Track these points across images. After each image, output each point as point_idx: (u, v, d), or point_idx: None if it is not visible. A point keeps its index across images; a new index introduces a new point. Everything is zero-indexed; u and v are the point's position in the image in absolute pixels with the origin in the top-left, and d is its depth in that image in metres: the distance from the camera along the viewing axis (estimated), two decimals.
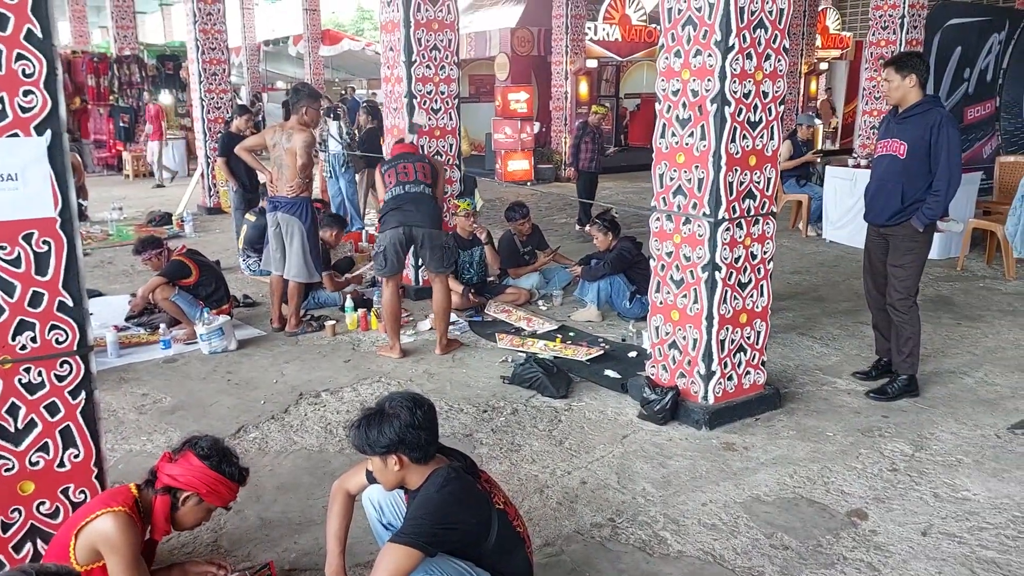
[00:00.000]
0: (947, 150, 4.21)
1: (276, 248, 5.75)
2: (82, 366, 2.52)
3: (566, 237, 9.24)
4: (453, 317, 5.92)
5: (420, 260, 5.35)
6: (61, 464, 2.55)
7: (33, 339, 2.43)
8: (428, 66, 6.44)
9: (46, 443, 2.52)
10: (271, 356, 5.38)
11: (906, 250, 4.39)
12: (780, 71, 3.97)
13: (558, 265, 7.03)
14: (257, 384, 4.86)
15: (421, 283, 6.65)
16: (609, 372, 4.91)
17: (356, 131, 10.31)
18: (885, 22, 9.53)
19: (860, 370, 4.88)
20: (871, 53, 9.75)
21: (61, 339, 2.47)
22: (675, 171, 4.08)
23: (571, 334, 5.76)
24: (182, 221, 9.89)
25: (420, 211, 5.15)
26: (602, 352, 5.26)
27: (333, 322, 5.87)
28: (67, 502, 2.58)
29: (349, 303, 6.13)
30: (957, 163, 4.25)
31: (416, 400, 2.41)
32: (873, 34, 9.69)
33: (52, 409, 2.51)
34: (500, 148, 14.77)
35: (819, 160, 10.33)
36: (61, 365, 2.49)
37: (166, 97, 18.16)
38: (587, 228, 6.55)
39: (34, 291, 2.42)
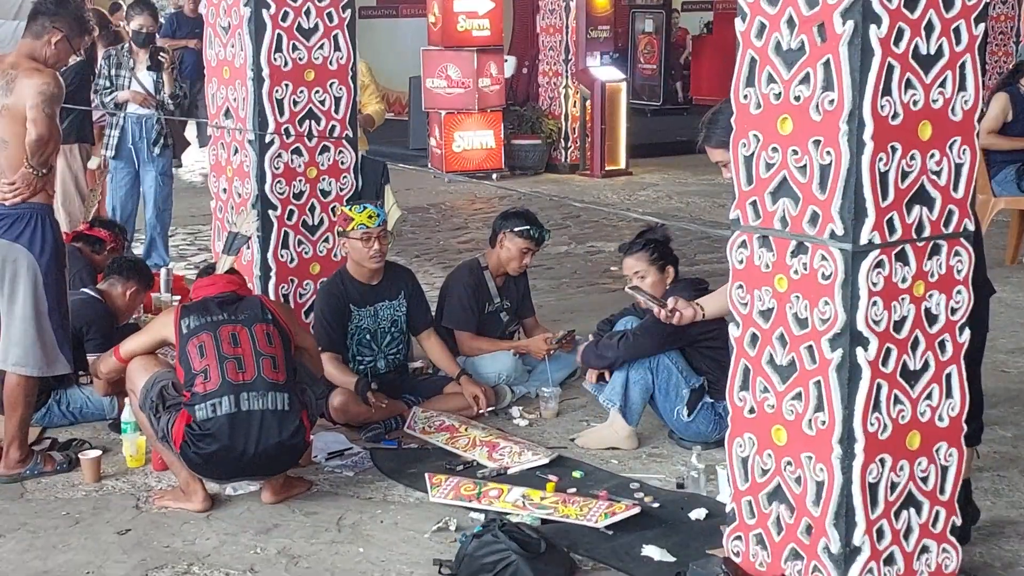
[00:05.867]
0: None
1: None
2: None
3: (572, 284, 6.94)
4: (345, 443, 3.78)
5: None
6: None
7: None
8: None
9: None
10: None
11: None
12: None
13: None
14: None
15: None
16: (649, 550, 3.08)
17: (184, 87, 6.73)
18: None
19: None
20: None
21: None
22: (775, 151, 2.50)
23: (576, 474, 3.74)
24: None
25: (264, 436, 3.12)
26: (637, 510, 3.33)
27: (98, 453, 3.61)
28: None
29: (128, 415, 3.68)
30: None
31: None
32: None
33: None
34: (438, 107, 9.02)
35: None
36: None
37: None
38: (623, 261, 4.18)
39: None
